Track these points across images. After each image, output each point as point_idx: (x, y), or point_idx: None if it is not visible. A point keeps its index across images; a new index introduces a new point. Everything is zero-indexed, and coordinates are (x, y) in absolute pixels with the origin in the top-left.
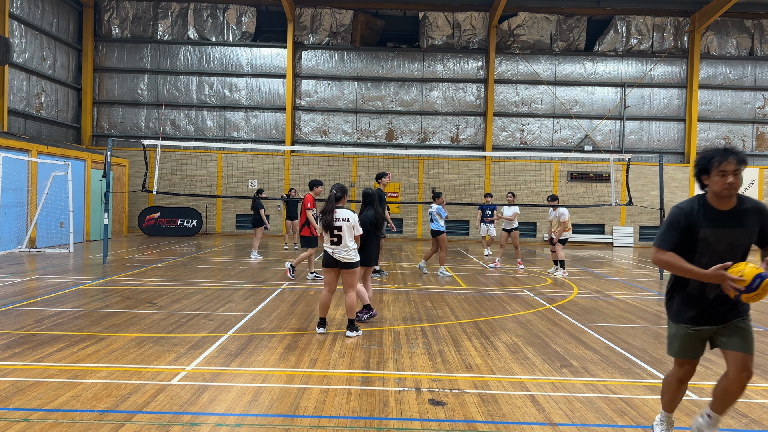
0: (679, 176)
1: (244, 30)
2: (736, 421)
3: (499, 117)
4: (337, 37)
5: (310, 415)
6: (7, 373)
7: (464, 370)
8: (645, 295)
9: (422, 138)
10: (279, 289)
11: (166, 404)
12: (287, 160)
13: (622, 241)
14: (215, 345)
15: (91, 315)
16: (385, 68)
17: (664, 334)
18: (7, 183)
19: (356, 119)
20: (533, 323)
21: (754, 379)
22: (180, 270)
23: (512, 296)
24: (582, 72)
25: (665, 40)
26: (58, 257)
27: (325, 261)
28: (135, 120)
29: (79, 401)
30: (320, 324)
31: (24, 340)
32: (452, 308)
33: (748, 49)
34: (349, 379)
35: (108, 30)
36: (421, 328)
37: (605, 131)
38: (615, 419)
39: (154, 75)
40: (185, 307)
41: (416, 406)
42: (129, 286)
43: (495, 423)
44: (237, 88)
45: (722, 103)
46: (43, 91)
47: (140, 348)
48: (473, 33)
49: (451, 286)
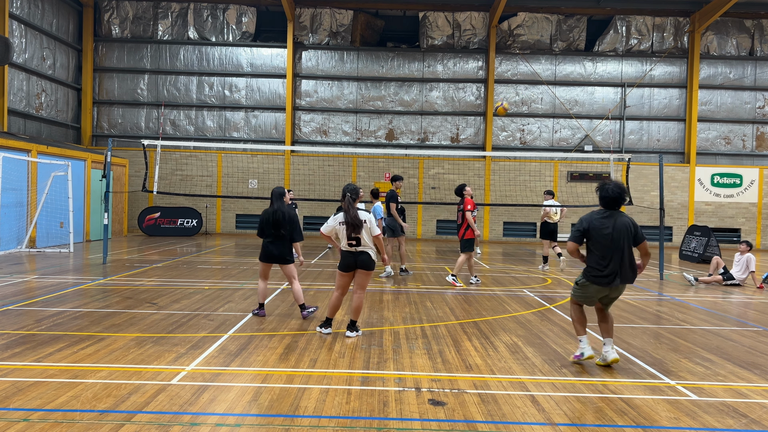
0: (679, 176)
1: (244, 30)
2: (736, 421)
3: (499, 117)
4: (337, 37)
5: (310, 415)
6: (7, 373)
7: (464, 370)
8: (645, 295)
9: (422, 138)
10: (279, 289)
11: (166, 404)
12: (287, 160)
13: None
14: (215, 345)
15: (91, 315)
16: (385, 68)
17: (664, 334)
18: (7, 183)
19: (356, 119)
20: (533, 323)
21: (754, 379)
22: (180, 270)
23: (512, 296)
24: (582, 72)
25: (665, 40)
26: (58, 257)
27: (344, 265)
28: (135, 120)
29: (79, 401)
30: (326, 324)
31: (24, 340)
32: (452, 308)
33: (748, 49)
34: (349, 379)
35: (108, 30)
36: (421, 328)
37: (605, 131)
38: (615, 419)
39: (154, 75)
40: (185, 307)
41: (416, 406)
42: (129, 286)
43: (495, 423)
44: (237, 88)
45: (722, 103)
46: (43, 91)
47: (140, 348)
48: (473, 33)
49: (452, 286)
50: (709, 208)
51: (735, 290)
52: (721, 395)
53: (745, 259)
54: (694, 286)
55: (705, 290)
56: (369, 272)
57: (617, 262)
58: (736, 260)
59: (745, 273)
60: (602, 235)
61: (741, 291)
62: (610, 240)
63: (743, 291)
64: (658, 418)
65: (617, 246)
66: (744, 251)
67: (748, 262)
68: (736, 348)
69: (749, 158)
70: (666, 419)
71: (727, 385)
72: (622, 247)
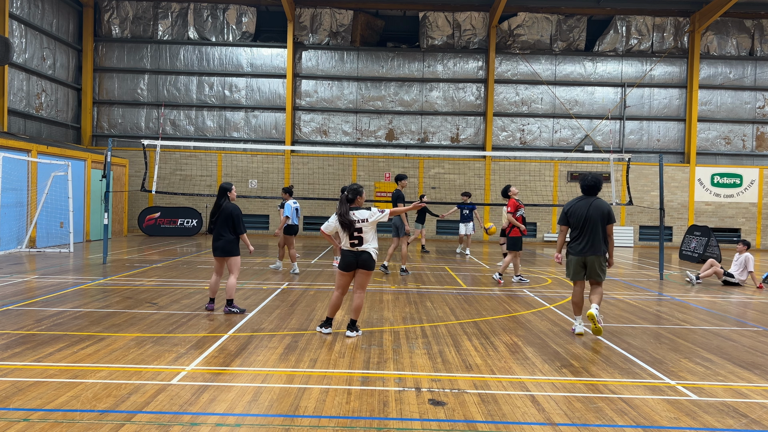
0: (679, 176)
1: (244, 30)
2: (736, 421)
3: (499, 117)
4: (337, 37)
5: (310, 415)
6: (7, 373)
7: (464, 370)
8: (645, 295)
9: (422, 138)
10: (279, 289)
11: (166, 404)
12: (287, 160)
13: (623, 241)
14: (215, 345)
15: (91, 315)
16: (385, 68)
17: (664, 334)
18: (7, 183)
19: (356, 119)
20: (533, 323)
21: (754, 379)
22: (180, 270)
23: (512, 296)
24: (582, 72)
25: (665, 40)
26: (58, 257)
27: (344, 264)
28: (135, 120)
29: (79, 401)
30: (326, 324)
31: (24, 340)
32: (452, 308)
33: (748, 49)
34: (349, 379)
35: (108, 30)
36: (421, 328)
37: (605, 131)
38: (615, 419)
39: (154, 75)
40: (185, 307)
41: (416, 406)
42: (129, 286)
43: (495, 423)
44: (237, 88)
45: (722, 103)
46: (43, 91)
47: (140, 348)
48: (473, 33)
49: (451, 286)
50: (709, 208)
51: (735, 290)
52: (721, 395)
53: (744, 259)
54: (695, 286)
55: (705, 290)
56: (369, 272)
57: (589, 236)
58: (735, 260)
59: (744, 273)
60: (578, 215)
61: (741, 291)
62: (585, 218)
63: (743, 291)
64: (658, 418)
65: (591, 223)
66: (742, 251)
67: (746, 262)
68: (736, 348)
69: (749, 158)
70: (666, 419)
71: (727, 385)
72: (595, 224)
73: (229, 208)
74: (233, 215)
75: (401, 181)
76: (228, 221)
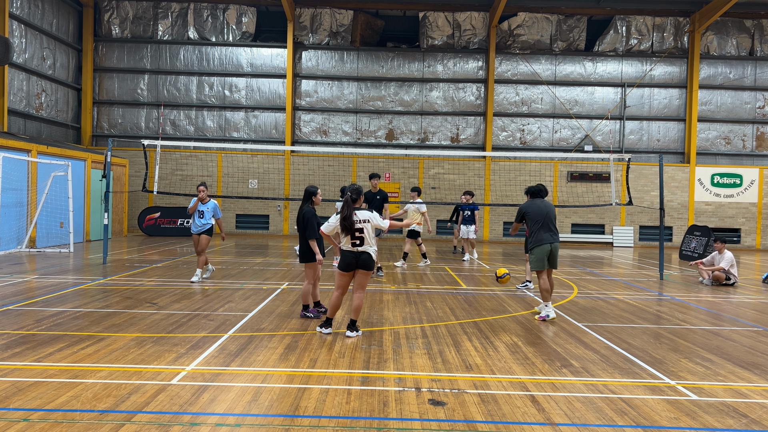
0: (679, 176)
1: (244, 30)
2: (736, 421)
3: (499, 117)
4: (337, 37)
5: (310, 415)
6: (7, 373)
7: (464, 370)
8: (645, 295)
9: (422, 138)
10: (279, 289)
11: (166, 404)
12: (287, 160)
13: (622, 241)
14: (215, 345)
15: (91, 315)
16: (385, 68)
17: (664, 334)
18: (7, 183)
19: (356, 119)
20: (533, 323)
21: (754, 379)
22: (180, 270)
23: (512, 296)
24: (582, 72)
25: (665, 40)
26: (58, 257)
27: (344, 264)
28: (135, 120)
29: (79, 401)
30: (326, 324)
31: (24, 340)
32: (452, 308)
33: (748, 49)
34: (349, 379)
35: (108, 30)
36: (421, 328)
37: (605, 131)
38: (615, 419)
39: (154, 75)
40: (185, 307)
41: (416, 406)
42: (129, 286)
43: (495, 423)
44: (237, 88)
45: (722, 103)
46: (43, 91)
47: (140, 348)
48: (473, 33)
49: (452, 286)
50: (709, 208)
51: (735, 290)
52: (721, 395)
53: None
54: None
55: (705, 290)
56: (369, 272)
57: (549, 227)
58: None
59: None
60: (538, 213)
61: (741, 291)
62: (544, 215)
63: (743, 291)
64: (658, 418)
65: (548, 218)
66: (721, 249)
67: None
68: (736, 348)
69: (749, 158)
70: (666, 419)
71: (727, 385)
72: (551, 219)
73: (303, 211)
74: (304, 219)
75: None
76: (301, 225)
